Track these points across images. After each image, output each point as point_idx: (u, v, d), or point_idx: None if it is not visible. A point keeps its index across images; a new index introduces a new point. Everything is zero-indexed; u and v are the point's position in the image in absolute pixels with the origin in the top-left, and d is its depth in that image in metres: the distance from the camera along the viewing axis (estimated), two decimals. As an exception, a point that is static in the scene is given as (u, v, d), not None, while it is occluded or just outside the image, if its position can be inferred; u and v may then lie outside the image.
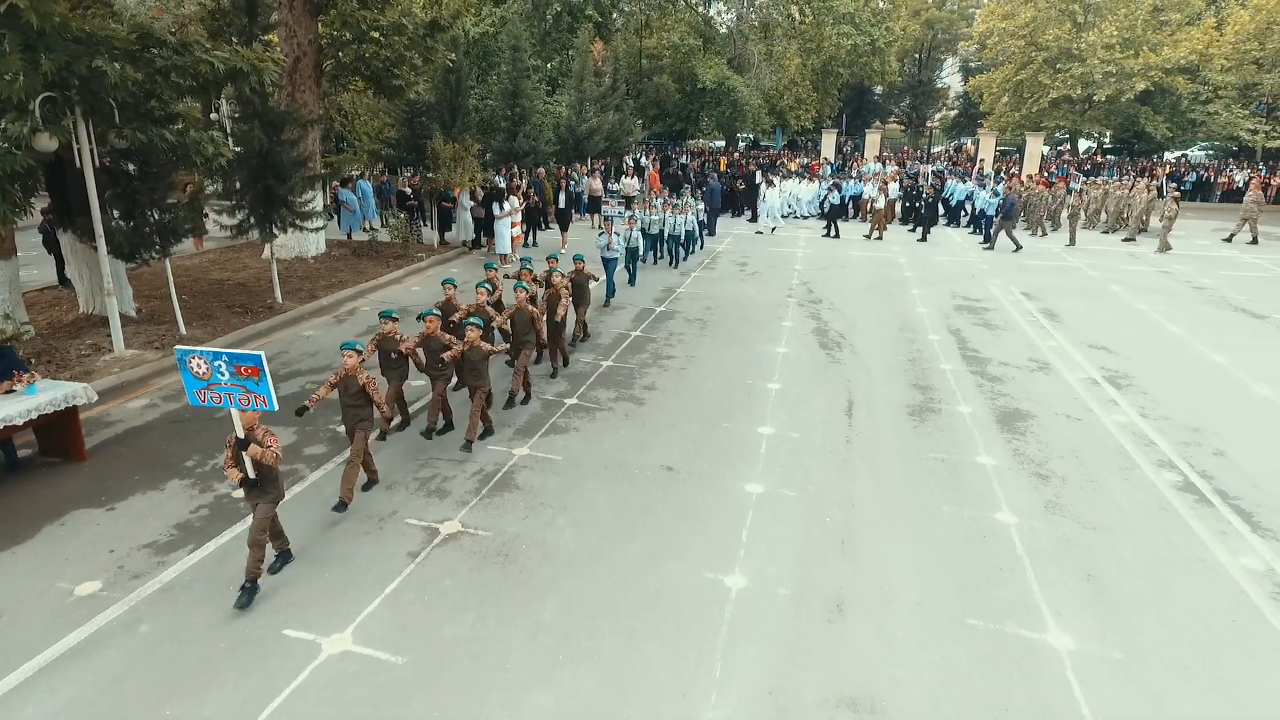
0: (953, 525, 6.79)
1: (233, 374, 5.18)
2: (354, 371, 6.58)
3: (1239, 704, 4.80)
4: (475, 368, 7.88)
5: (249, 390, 5.22)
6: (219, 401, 5.31)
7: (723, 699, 4.75)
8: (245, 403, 5.25)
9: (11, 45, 8.19)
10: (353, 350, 6.62)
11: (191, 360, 5.24)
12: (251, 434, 5.41)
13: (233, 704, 4.62)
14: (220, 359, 5.18)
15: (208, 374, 5.22)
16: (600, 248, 14.01)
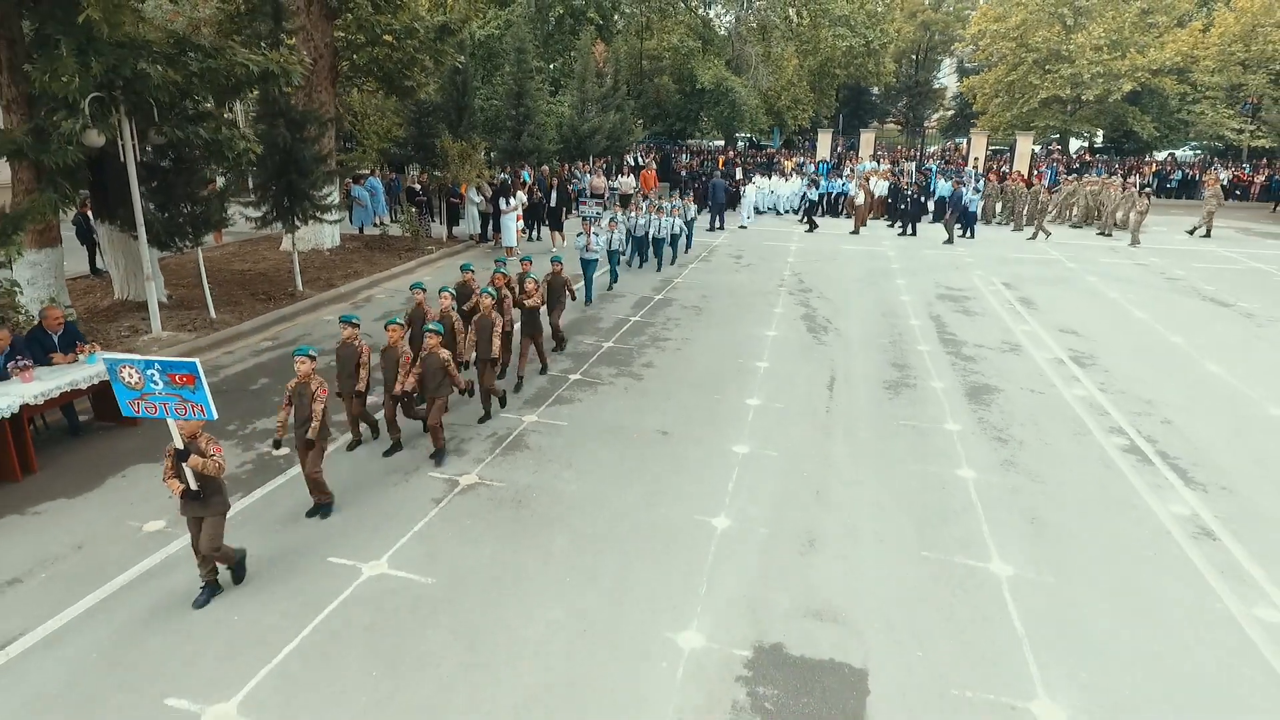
0: (916, 479, 7.61)
1: (167, 383, 4.93)
2: (305, 379, 6.23)
3: (1149, 616, 5.61)
4: (433, 376, 7.46)
5: (185, 399, 4.97)
6: (154, 412, 5.04)
7: (707, 611, 5.57)
8: (182, 412, 5.01)
9: (67, 49, 9.03)
10: (305, 356, 6.27)
11: (122, 370, 4.98)
12: (193, 443, 5.16)
13: (289, 612, 5.44)
14: (153, 367, 4.93)
15: (140, 383, 4.97)
16: (579, 249, 13.81)
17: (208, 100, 10.96)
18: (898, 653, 5.16)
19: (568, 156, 27.14)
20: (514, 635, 5.26)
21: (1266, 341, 12.51)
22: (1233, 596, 5.85)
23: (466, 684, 4.81)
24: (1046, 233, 22.01)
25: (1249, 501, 7.30)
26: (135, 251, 12.21)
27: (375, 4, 16.42)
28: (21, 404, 7.00)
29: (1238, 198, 30.73)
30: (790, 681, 4.89)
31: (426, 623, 5.37)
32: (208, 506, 5.30)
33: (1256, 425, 9.09)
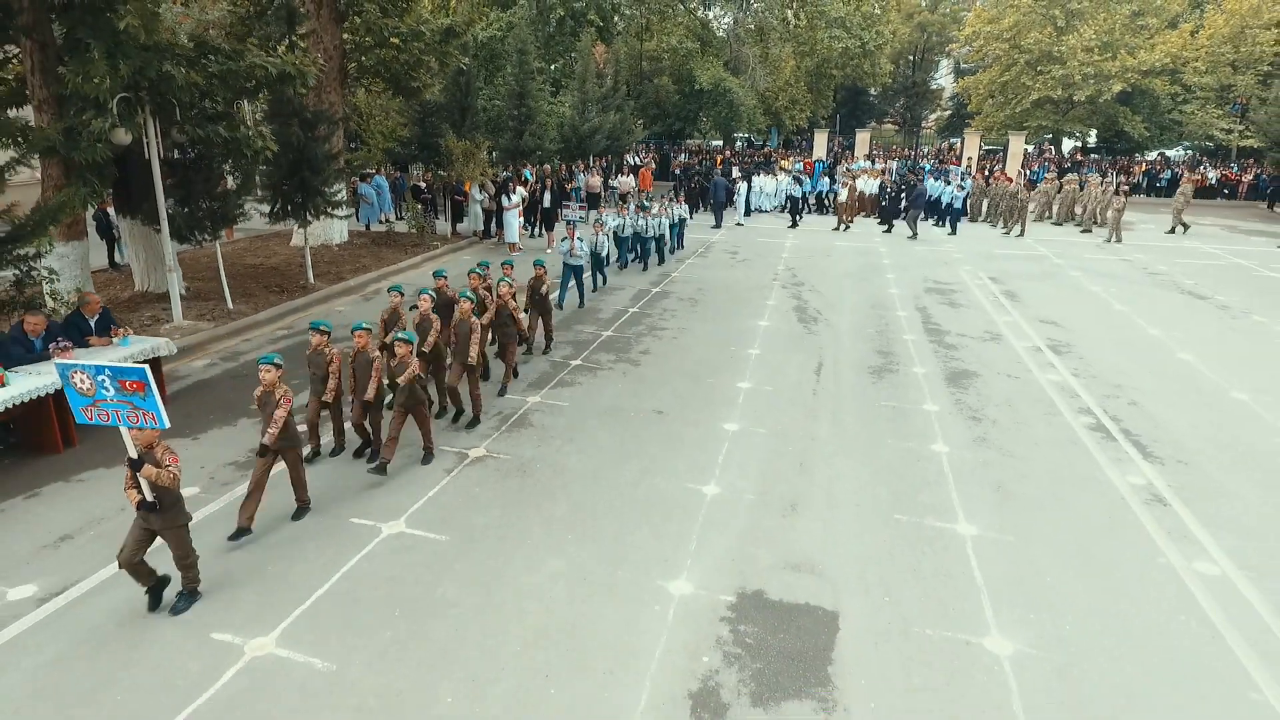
0: (894, 453, 8.17)
1: (118, 389, 4.75)
2: (271, 387, 6.11)
3: (1098, 570, 6.16)
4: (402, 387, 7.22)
5: (137, 407, 4.79)
6: (107, 419, 4.88)
7: (696, 564, 6.12)
8: (134, 420, 4.83)
9: (99, 53, 9.59)
10: (270, 365, 6.09)
11: (74, 375, 4.82)
12: (149, 454, 5.00)
13: (318, 564, 6.00)
14: (104, 373, 4.75)
15: (92, 390, 4.80)
16: (562, 253, 13.32)
17: (229, 101, 11.50)
18: (867, 598, 5.72)
19: (568, 156, 27.70)
20: (520, 584, 5.82)
21: (1239, 333, 13.05)
22: (1177, 554, 6.40)
23: (478, 624, 5.37)
24: (1023, 230, 22.64)
25: (1202, 473, 7.85)
26: (156, 245, 12.80)
27: (383, 7, 17.00)
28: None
29: (1226, 196, 31.27)
30: (769, 621, 5.45)
31: (441, 574, 5.93)
32: (164, 518, 5.13)
33: (1219, 407, 9.64)
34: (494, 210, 19.86)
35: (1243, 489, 7.53)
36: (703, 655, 5.10)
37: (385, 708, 4.60)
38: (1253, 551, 6.45)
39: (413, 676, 4.86)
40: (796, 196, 24.55)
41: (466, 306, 8.33)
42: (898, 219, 23.54)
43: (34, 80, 10.62)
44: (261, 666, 4.92)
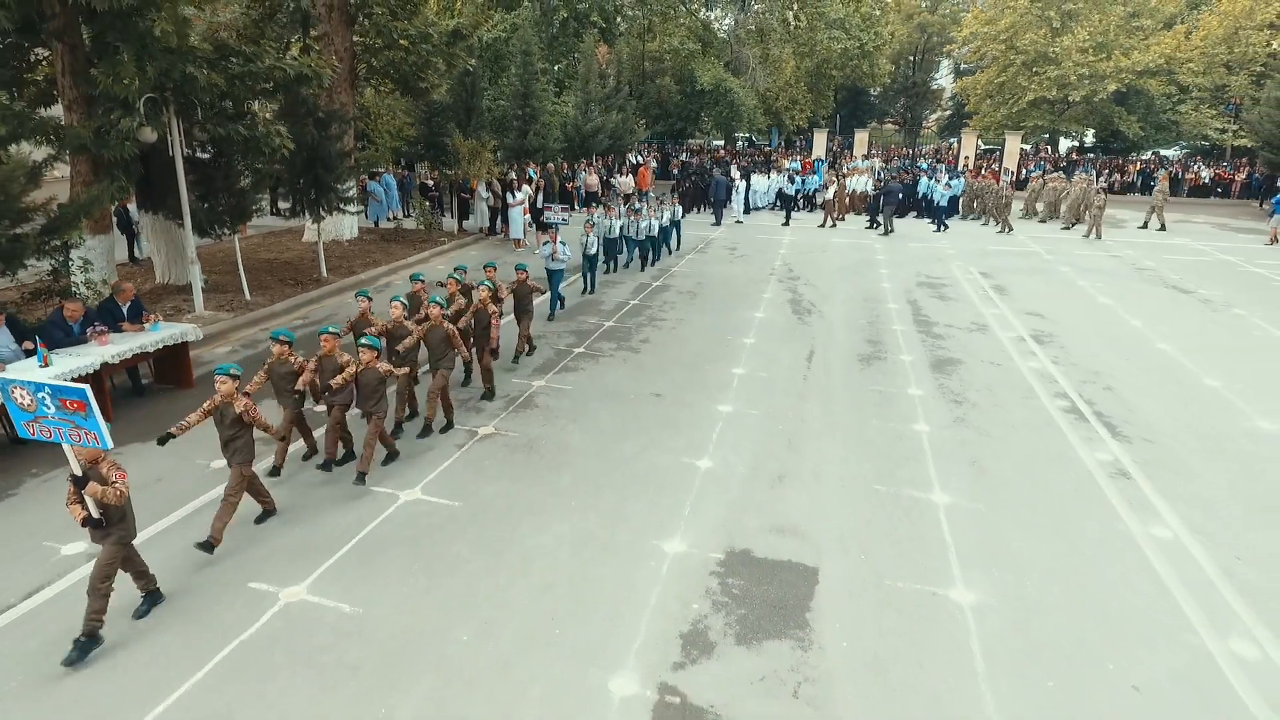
0: (878, 433, 8.69)
1: (58, 407, 4.61)
2: (229, 399, 5.97)
3: (1061, 534, 6.68)
4: (372, 392, 7.12)
5: (78, 426, 4.64)
6: (49, 436, 4.74)
7: (689, 528, 6.65)
8: (76, 439, 4.68)
9: (128, 55, 10.14)
10: (227, 375, 5.98)
11: (14, 391, 4.67)
12: (93, 470, 4.90)
13: (341, 525, 6.54)
14: (43, 390, 4.60)
15: (33, 406, 4.67)
16: (544, 257, 12.75)
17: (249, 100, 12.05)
18: (845, 557, 6.25)
19: (572, 155, 28.24)
20: (527, 545, 6.35)
21: (1219, 325, 13.54)
22: (1135, 521, 6.92)
23: (489, 579, 5.90)
24: (1010, 227, 23.17)
25: (1166, 451, 8.36)
26: (176, 239, 13.35)
27: (392, 10, 17.53)
28: (102, 363, 8.11)
29: (1220, 195, 31.72)
30: (754, 575, 5.98)
31: (455, 535, 6.47)
32: (109, 535, 5.04)
33: (1191, 393, 10.14)
34: (499, 207, 20.42)
35: (1202, 465, 8.04)
36: (693, 603, 5.63)
37: (408, 644, 5.14)
38: (1205, 519, 6.96)
39: (431, 619, 5.39)
40: (789, 194, 25.08)
41: (436, 311, 8.09)
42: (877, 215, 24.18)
43: (64, 81, 11.16)
44: (296, 610, 5.46)
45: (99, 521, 4.97)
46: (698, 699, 4.72)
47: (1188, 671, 5.07)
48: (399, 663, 4.98)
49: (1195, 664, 5.15)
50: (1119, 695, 4.84)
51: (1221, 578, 6.09)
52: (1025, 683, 4.92)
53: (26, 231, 8.88)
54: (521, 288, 10.36)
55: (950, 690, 4.84)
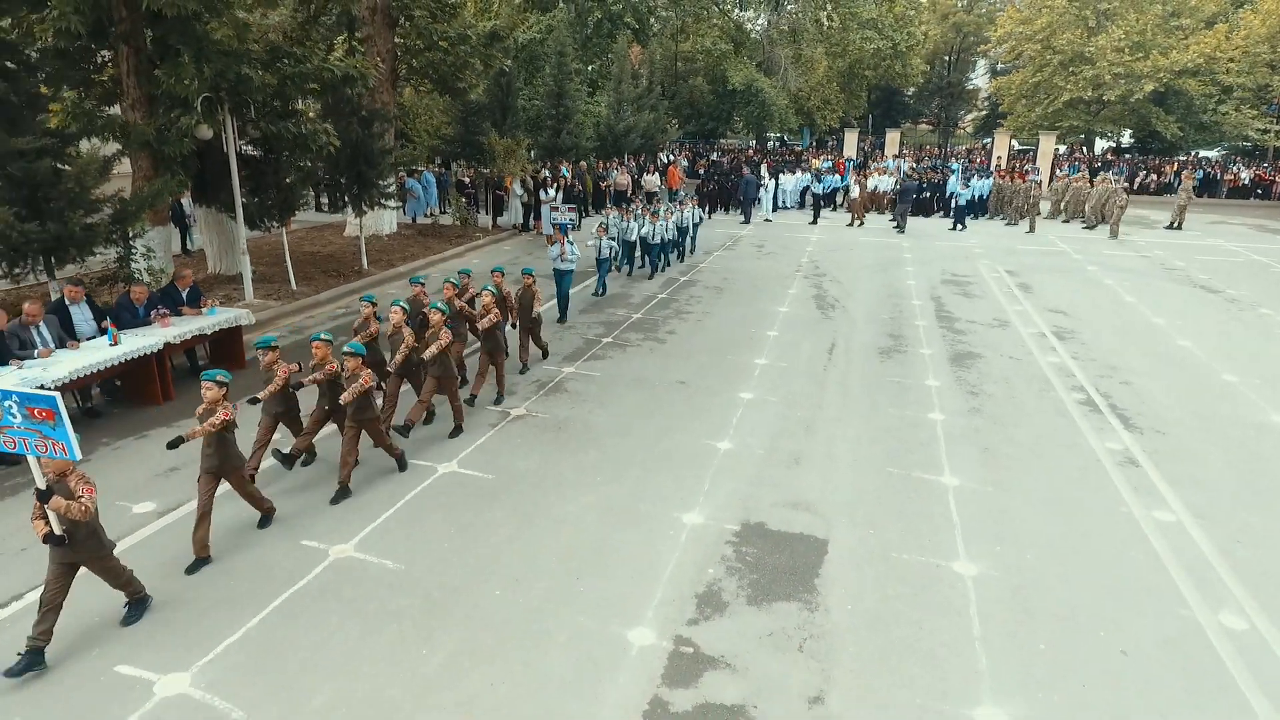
0: (893, 420, 9.01)
1: (25, 416, 4.45)
2: (214, 405, 5.82)
3: (1065, 515, 6.96)
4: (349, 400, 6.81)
5: (45, 435, 4.48)
6: (13, 446, 4.55)
7: (708, 501, 7.06)
8: (43, 450, 4.52)
9: (188, 57, 10.82)
10: (212, 382, 5.82)
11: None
12: (60, 483, 4.66)
13: (385, 492, 7.05)
14: (10, 399, 4.45)
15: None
16: (552, 259, 12.50)
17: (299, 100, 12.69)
18: (854, 531, 6.61)
19: (604, 154, 28.74)
20: (555, 513, 6.81)
21: (1242, 323, 13.58)
22: (1138, 504, 7.18)
23: (520, 542, 6.36)
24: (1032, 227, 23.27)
25: (1177, 441, 8.57)
26: (228, 231, 14.07)
27: (432, 13, 18.15)
28: (165, 343, 8.74)
29: (1260, 196, 31.24)
30: (767, 545, 6.37)
31: (489, 503, 6.95)
32: (82, 552, 4.80)
33: (1207, 387, 10.29)
34: (532, 204, 20.97)
35: (1211, 454, 8.25)
36: (709, 568, 6.04)
37: (446, 596, 5.62)
38: (1208, 504, 7.19)
39: (467, 576, 5.87)
40: (817, 193, 25.32)
41: (437, 318, 7.86)
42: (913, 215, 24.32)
43: (129, 81, 11.86)
44: (344, 565, 5.98)
45: (60, 539, 4.68)
46: (709, 650, 5.13)
47: (1176, 640, 5.36)
48: (436, 611, 5.46)
49: (1184, 633, 5.43)
50: (1107, 659, 5.15)
51: (1218, 557, 6.34)
52: (1018, 645, 5.25)
53: (96, 221, 9.57)
54: (527, 294, 9.92)
55: (946, 649, 5.19)
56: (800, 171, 29.17)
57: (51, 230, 8.79)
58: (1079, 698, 4.79)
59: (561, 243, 12.36)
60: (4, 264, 9.15)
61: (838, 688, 4.82)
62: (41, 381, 7.40)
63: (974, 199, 25.59)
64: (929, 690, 4.82)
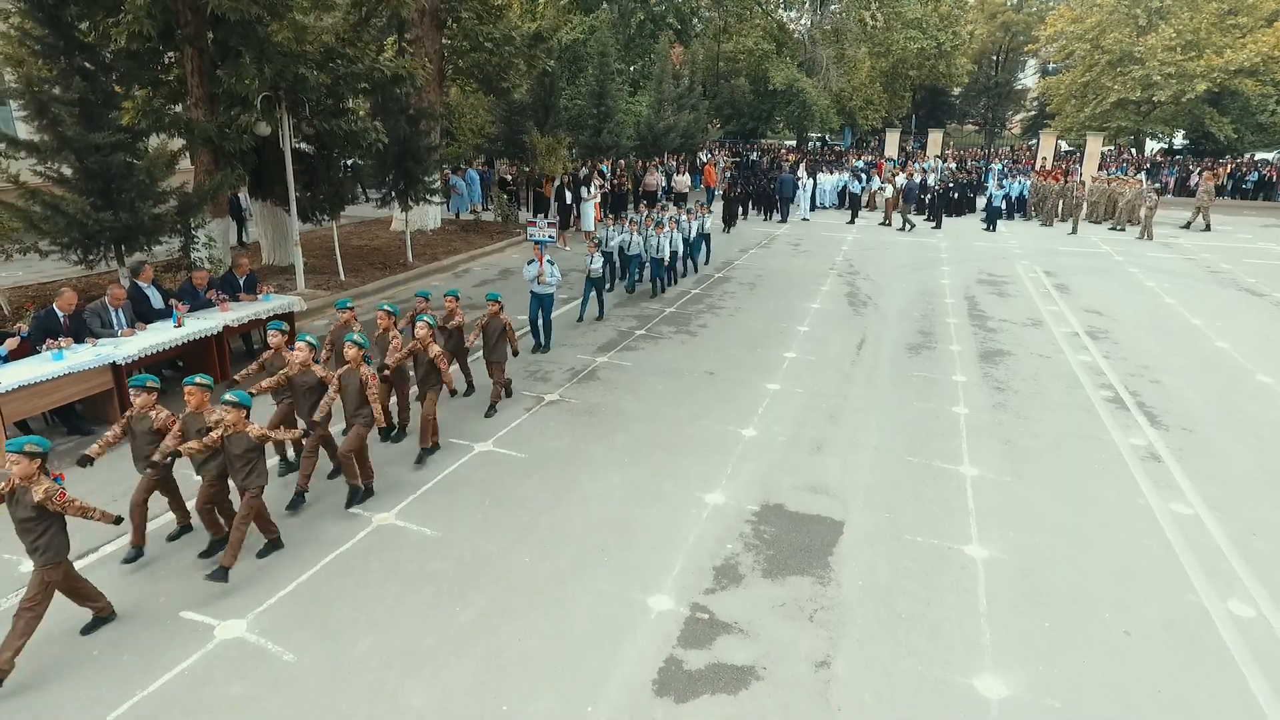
0: (918, 412, 9.19)
1: None
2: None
3: (1081, 505, 7.10)
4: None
5: None
6: None
7: (731, 482, 7.35)
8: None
9: (249, 58, 11.44)
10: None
11: None
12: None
13: (425, 468, 7.49)
14: None
15: None
16: (529, 280, 10.87)
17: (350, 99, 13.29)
18: (870, 514, 6.84)
19: (644, 153, 29.11)
20: (584, 490, 7.17)
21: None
22: (1157, 497, 7.28)
23: (550, 516, 6.73)
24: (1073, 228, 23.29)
25: (1203, 439, 8.60)
26: (281, 224, 14.75)
27: (479, 15, 18.70)
28: (224, 325, 9.33)
29: (1317, 200, 30.35)
30: (785, 524, 6.65)
31: (521, 480, 7.34)
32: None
33: (1240, 388, 10.25)
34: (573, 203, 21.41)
35: (1235, 450, 8.28)
36: (727, 544, 6.34)
37: (479, 561, 6.02)
38: (1227, 498, 7.26)
39: (499, 543, 6.26)
40: (855, 193, 25.37)
41: (353, 353, 6.68)
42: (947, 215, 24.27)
43: (192, 81, 12.56)
44: (386, 531, 6.42)
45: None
46: (724, 616, 5.44)
47: (1181, 623, 5.51)
48: (470, 574, 5.86)
49: (1189, 617, 5.57)
50: (1110, 638, 5.32)
51: (1232, 549, 6.43)
52: (1022, 621, 5.45)
53: (163, 211, 10.22)
54: (494, 323, 8.73)
55: (951, 623, 5.42)
56: (838, 171, 29.18)
57: (124, 219, 9.44)
58: (1078, 671, 4.98)
59: (540, 261, 10.72)
60: (78, 250, 9.84)
61: (844, 654, 5.09)
62: (114, 358, 8.01)
63: (1010, 199, 25.39)
64: (932, 659, 5.06)
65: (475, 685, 4.76)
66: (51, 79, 9.09)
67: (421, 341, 7.47)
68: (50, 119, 8.86)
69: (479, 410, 8.90)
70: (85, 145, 9.15)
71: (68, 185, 9.67)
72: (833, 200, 28.11)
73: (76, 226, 9.35)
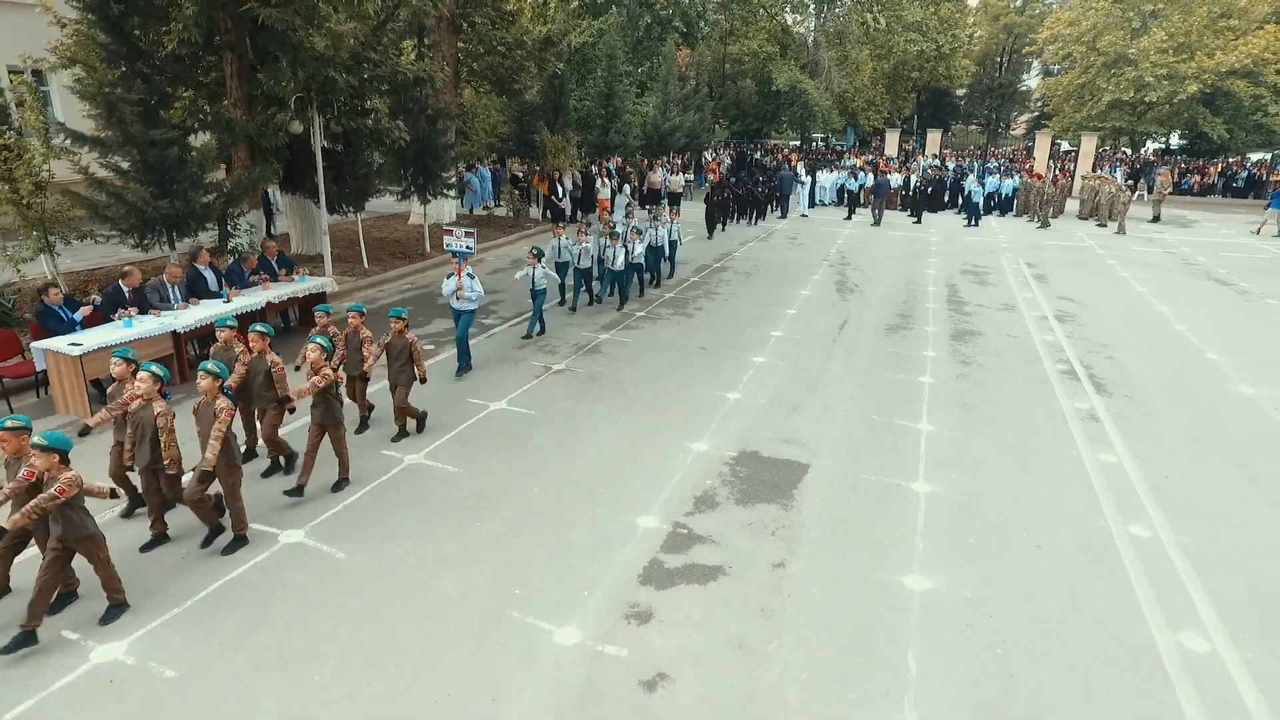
0: (888, 382, 10.21)
1: None
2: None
3: (1019, 454, 8.11)
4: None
5: None
6: None
7: (714, 435, 8.40)
8: None
9: (286, 62, 12.56)
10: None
11: None
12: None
13: (448, 422, 8.57)
14: None
15: None
16: (447, 294, 10.19)
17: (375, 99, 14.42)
18: (833, 460, 7.88)
19: (650, 152, 30.17)
20: (585, 440, 8.23)
21: (1245, 312, 14.32)
22: (1088, 449, 8.28)
23: (555, 459, 7.80)
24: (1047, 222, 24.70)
25: (1142, 404, 9.59)
26: (310, 215, 15.88)
27: (493, 20, 19.82)
28: (266, 302, 10.45)
29: (1308, 198, 31.10)
30: (758, 465, 7.70)
31: (531, 432, 8.41)
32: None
33: (1188, 364, 11.21)
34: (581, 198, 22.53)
35: (1168, 415, 9.27)
36: (707, 480, 7.40)
37: (494, 492, 7.09)
38: (1150, 451, 8.26)
39: (511, 479, 7.34)
40: (852, 190, 26.38)
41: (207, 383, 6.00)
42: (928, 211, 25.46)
43: (232, 83, 13.70)
44: (416, 468, 7.51)
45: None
46: (700, 531, 6.49)
47: (1088, 542, 6.52)
48: (486, 501, 6.94)
49: (1096, 538, 6.58)
50: (1024, 550, 6.35)
51: (1145, 488, 7.44)
52: (950, 538, 6.48)
53: (209, 201, 11.35)
54: (397, 342, 8.08)
55: (891, 539, 6.45)
56: (837, 170, 30.18)
57: (177, 207, 10.58)
58: (992, 573, 6.01)
59: (459, 275, 9.98)
60: (135, 235, 10.99)
61: (797, 560, 6.14)
62: (174, 327, 9.14)
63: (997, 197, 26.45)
64: (871, 565, 6.10)
65: (494, 581, 5.83)
66: (114, 81, 10.21)
67: (313, 365, 6.83)
68: (118, 117, 9.99)
69: (493, 379, 9.98)
70: (145, 141, 10.29)
71: (125, 177, 10.81)
72: (832, 198, 29.10)
73: (136, 213, 10.49)
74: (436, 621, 5.35)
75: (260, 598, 5.55)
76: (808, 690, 4.79)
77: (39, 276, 11.85)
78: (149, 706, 4.60)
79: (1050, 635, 5.33)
